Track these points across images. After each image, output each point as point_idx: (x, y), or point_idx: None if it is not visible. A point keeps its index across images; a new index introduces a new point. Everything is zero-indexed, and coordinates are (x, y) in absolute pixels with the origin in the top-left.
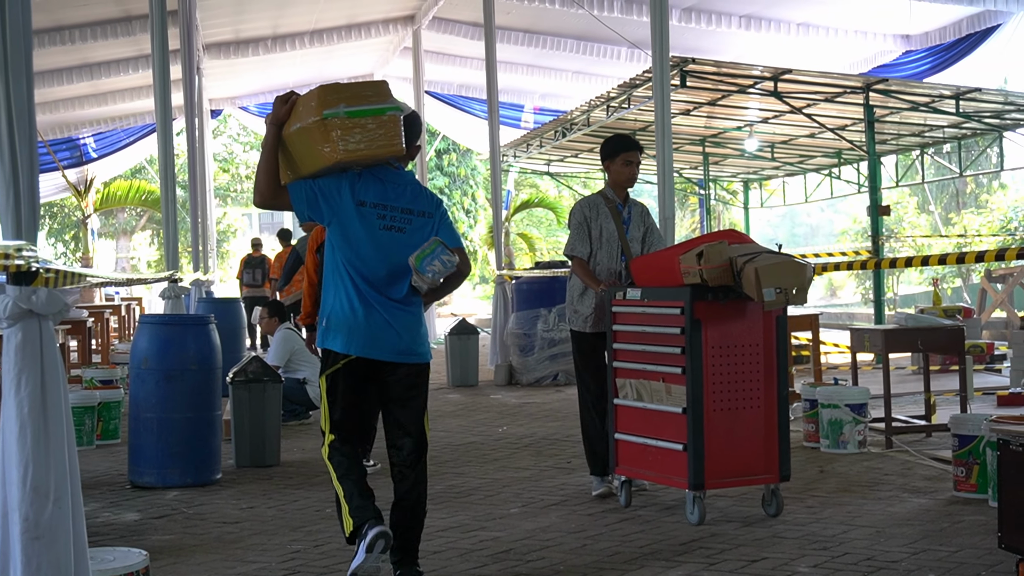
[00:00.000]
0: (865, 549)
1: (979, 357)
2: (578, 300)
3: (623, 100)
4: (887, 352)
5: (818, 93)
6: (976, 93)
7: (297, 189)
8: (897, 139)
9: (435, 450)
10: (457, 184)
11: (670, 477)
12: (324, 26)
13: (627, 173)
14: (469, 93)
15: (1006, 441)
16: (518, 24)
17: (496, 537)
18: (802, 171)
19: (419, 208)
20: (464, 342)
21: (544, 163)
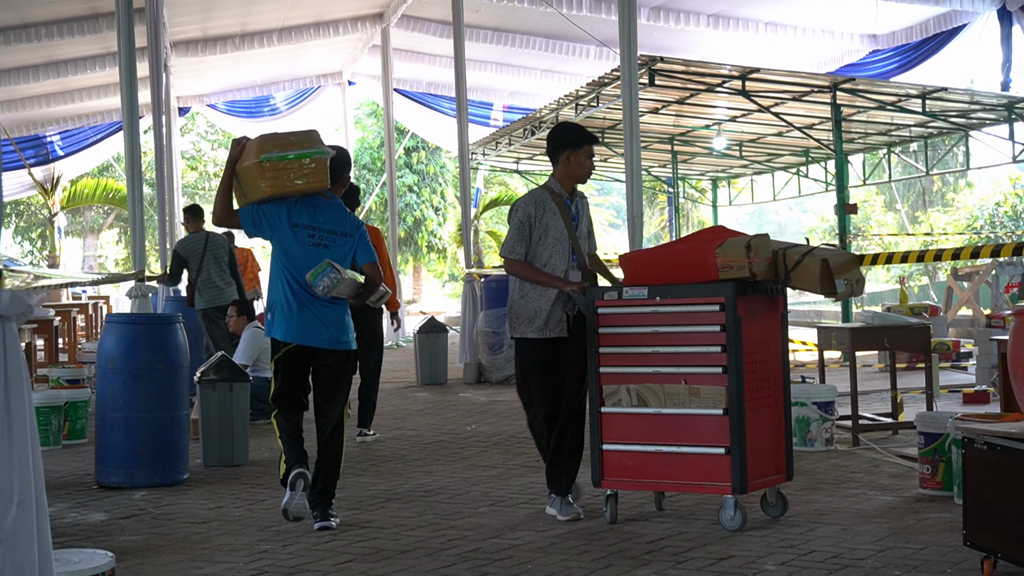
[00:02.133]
0: (832, 547)
1: (945, 355)
2: (524, 303)
3: (592, 98)
4: (854, 350)
5: (786, 92)
6: (942, 92)
7: (245, 213)
8: (864, 138)
9: (403, 448)
10: (426, 182)
11: (701, 484)
12: (293, 24)
13: (588, 167)
14: (438, 91)
15: (971, 439)
16: (487, 22)
17: (464, 536)
18: (770, 169)
19: (342, 229)
20: (433, 340)
21: (513, 161)
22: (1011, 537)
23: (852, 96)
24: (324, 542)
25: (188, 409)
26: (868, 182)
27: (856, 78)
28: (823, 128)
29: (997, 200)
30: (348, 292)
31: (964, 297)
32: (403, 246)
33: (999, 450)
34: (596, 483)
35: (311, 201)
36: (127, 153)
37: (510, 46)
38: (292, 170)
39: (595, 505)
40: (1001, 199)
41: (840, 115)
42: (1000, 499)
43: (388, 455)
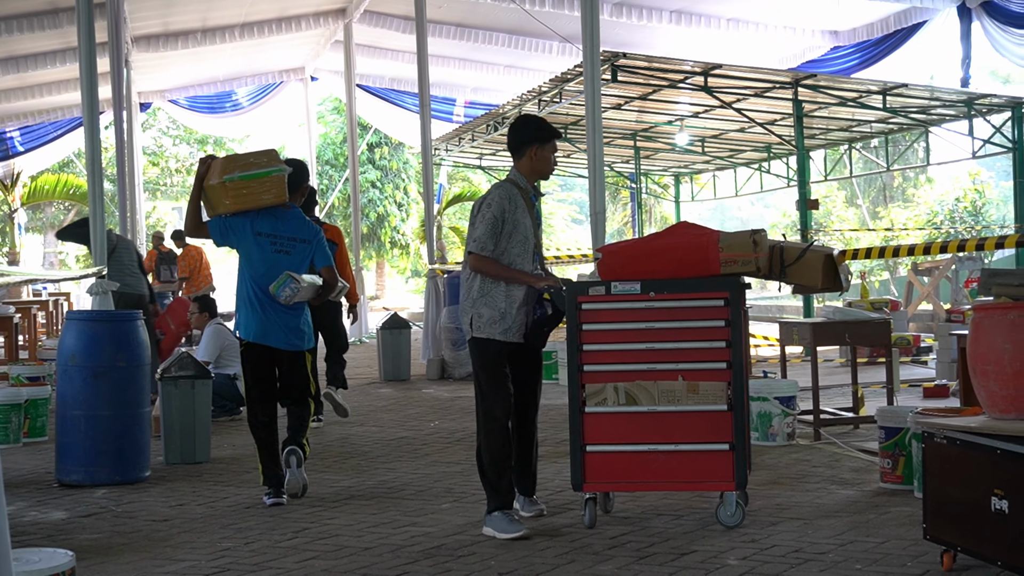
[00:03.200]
0: (793, 541)
1: (906, 350)
2: (486, 302)
3: (555, 94)
4: (815, 345)
5: (748, 88)
6: (903, 89)
7: (213, 224)
8: (826, 134)
9: (366, 445)
10: (389, 178)
11: (699, 481)
12: (255, 19)
13: (554, 163)
14: (401, 87)
15: (931, 434)
16: (450, 18)
17: (427, 532)
18: (732, 165)
19: (301, 236)
20: (396, 336)
21: (476, 157)
22: (970, 531)
23: (813, 92)
24: (286, 539)
25: (150, 406)
26: (829, 178)
27: (817, 74)
28: (785, 124)
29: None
30: (308, 296)
31: (924, 292)
32: (366, 242)
33: (958, 444)
34: (577, 486)
35: (273, 212)
36: (87, 149)
37: (473, 42)
38: (252, 188)
39: (557, 501)
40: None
41: (801, 111)
42: (959, 493)
43: (351, 452)
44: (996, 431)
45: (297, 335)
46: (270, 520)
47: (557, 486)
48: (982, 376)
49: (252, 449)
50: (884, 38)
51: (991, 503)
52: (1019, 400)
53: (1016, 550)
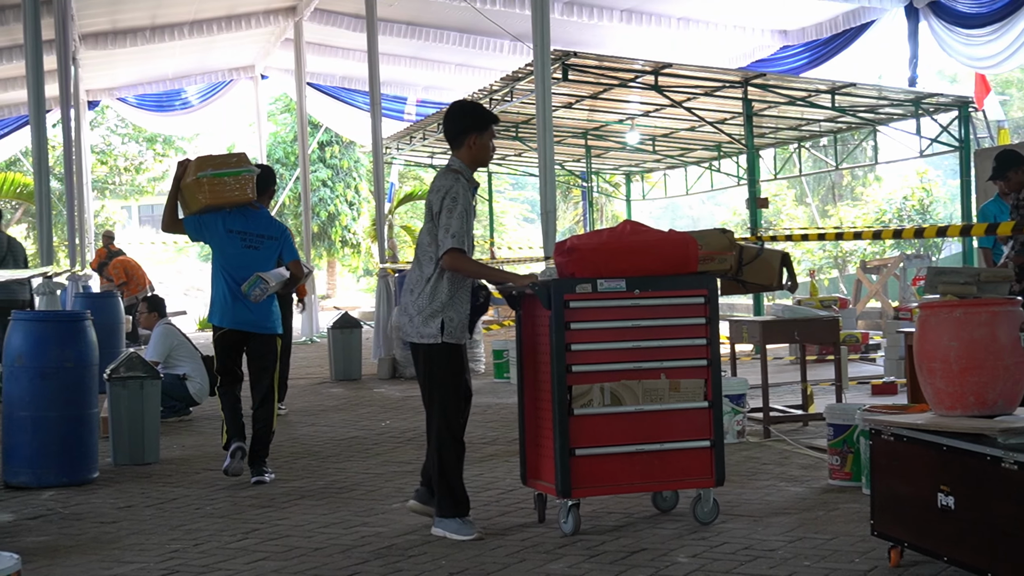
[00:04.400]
0: (743, 538)
1: (854, 347)
2: (457, 305)
3: (506, 93)
4: (765, 343)
5: (698, 87)
6: (851, 88)
7: (188, 222)
8: (775, 132)
9: (317, 445)
10: (340, 176)
11: (681, 480)
12: (204, 17)
13: (493, 149)
14: (352, 85)
15: (878, 431)
16: (400, 16)
17: (378, 532)
18: (683, 164)
19: (269, 233)
20: (347, 336)
21: (428, 155)
22: (917, 526)
23: (763, 91)
24: (236, 540)
25: (98, 407)
26: (779, 176)
27: (767, 73)
28: (735, 123)
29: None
30: (277, 289)
31: (873, 290)
32: (317, 241)
33: (905, 441)
34: (566, 493)
35: (243, 211)
36: (34, 147)
37: (424, 40)
38: (225, 184)
39: (508, 500)
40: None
41: (751, 110)
42: (906, 489)
43: (301, 452)
44: (942, 428)
45: (267, 319)
46: (220, 521)
47: (508, 485)
48: (928, 373)
49: (202, 450)
50: (833, 38)
51: (937, 499)
52: (965, 397)
53: (962, 545)
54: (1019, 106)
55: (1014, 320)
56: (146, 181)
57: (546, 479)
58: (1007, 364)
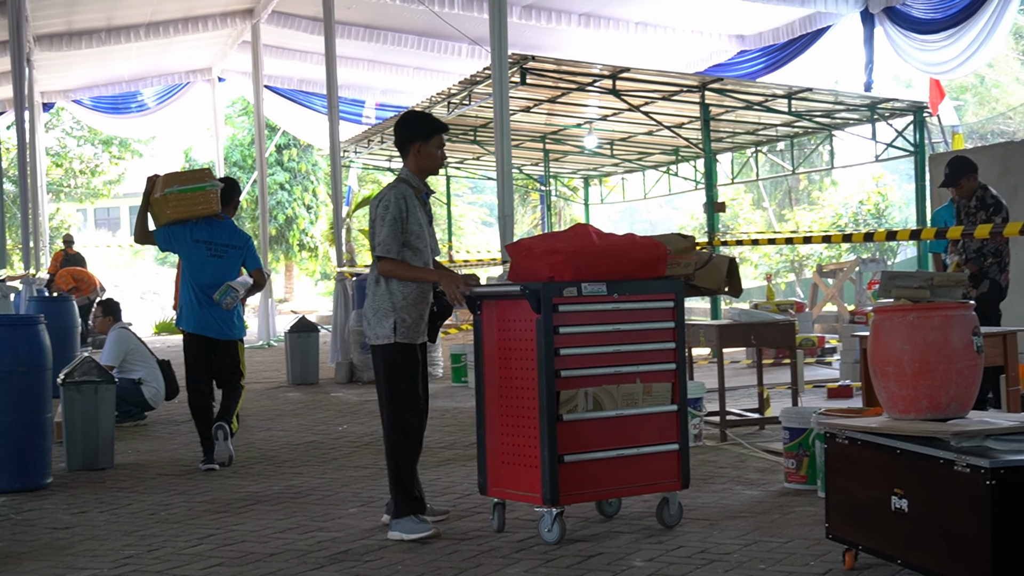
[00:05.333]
0: (699, 542)
1: (810, 351)
2: (408, 306)
3: (464, 97)
4: (721, 347)
5: (656, 91)
6: (808, 93)
7: (158, 234)
8: (732, 137)
9: (273, 450)
10: (298, 180)
11: (653, 484)
12: (161, 18)
13: (440, 158)
14: (310, 88)
15: (833, 434)
16: (359, 19)
17: (334, 537)
18: (641, 168)
19: (233, 243)
20: (304, 340)
21: (386, 159)
22: (871, 529)
23: (720, 96)
24: (191, 546)
25: (51, 412)
26: (736, 180)
27: (724, 78)
28: (692, 127)
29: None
30: (244, 296)
31: (829, 294)
32: (274, 244)
33: (859, 444)
34: (555, 501)
35: (209, 222)
36: None
37: (382, 43)
38: (190, 199)
39: (465, 505)
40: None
41: (709, 114)
42: (860, 492)
43: (257, 456)
44: (896, 431)
45: (230, 326)
46: (175, 527)
47: (465, 489)
48: (882, 377)
49: (157, 455)
50: (789, 42)
51: (891, 502)
52: (918, 401)
53: (915, 548)
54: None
55: (967, 324)
56: (102, 184)
57: (520, 487)
58: (960, 368)
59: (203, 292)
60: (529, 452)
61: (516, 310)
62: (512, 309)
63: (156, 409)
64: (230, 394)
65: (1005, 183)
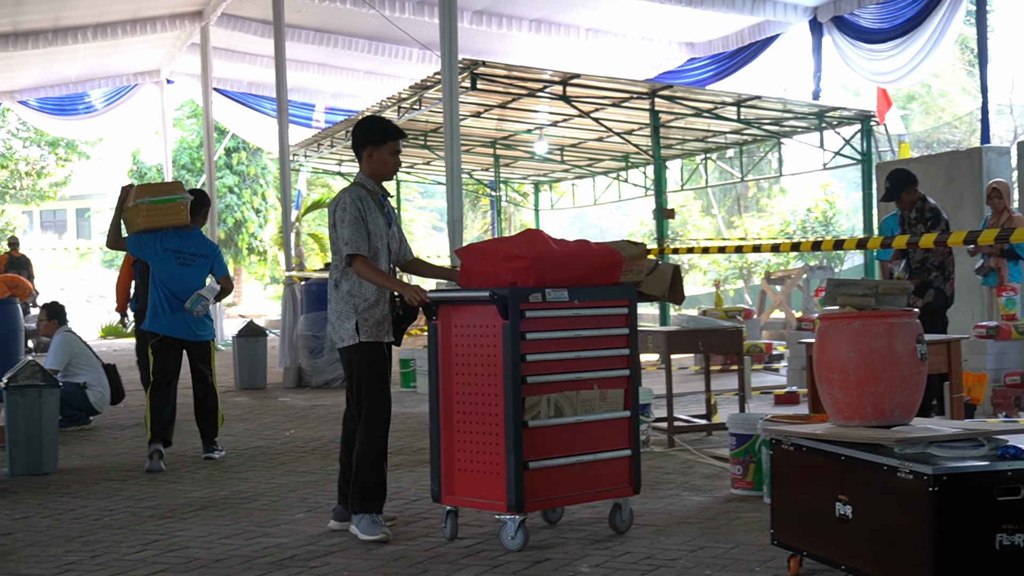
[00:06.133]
0: (645, 548)
1: (758, 357)
2: (369, 307)
3: (414, 101)
4: (669, 353)
5: (606, 98)
6: (757, 101)
7: (130, 241)
8: (682, 144)
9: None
10: (247, 183)
11: (608, 490)
12: (108, 20)
13: (393, 164)
14: (259, 91)
15: (778, 440)
16: (309, 22)
17: (280, 543)
18: (591, 174)
19: (201, 252)
20: (252, 344)
21: (336, 163)
22: (815, 536)
23: (670, 103)
24: (134, 552)
25: None
26: (686, 187)
27: (674, 85)
28: (642, 134)
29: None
30: (213, 300)
31: (777, 300)
32: (223, 248)
33: (804, 451)
34: (519, 508)
35: (179, 232)
36: None
37: (332, 47)
38: (161, 210)
39: (412, 511)
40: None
41: (658, 121)
42: (805, 499)
43: (203, 462)
44: (840, 438)
45: (200, 327)
46: (118, 533)
47: (412, 495)
48: (827, 384)
49: (102, 460)
50: (739, 50)
51: (835, 508)
52: (863, 407)
53: (858, 554)
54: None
55: (911, 332)
56: (48, 186)
57: (479, 495)
58: (904, 375)
59: (174, 297)
60: (489, 459)
61: (478, 315)
62: (474, 314)
63: (101, 413)
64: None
65: (950, 192)
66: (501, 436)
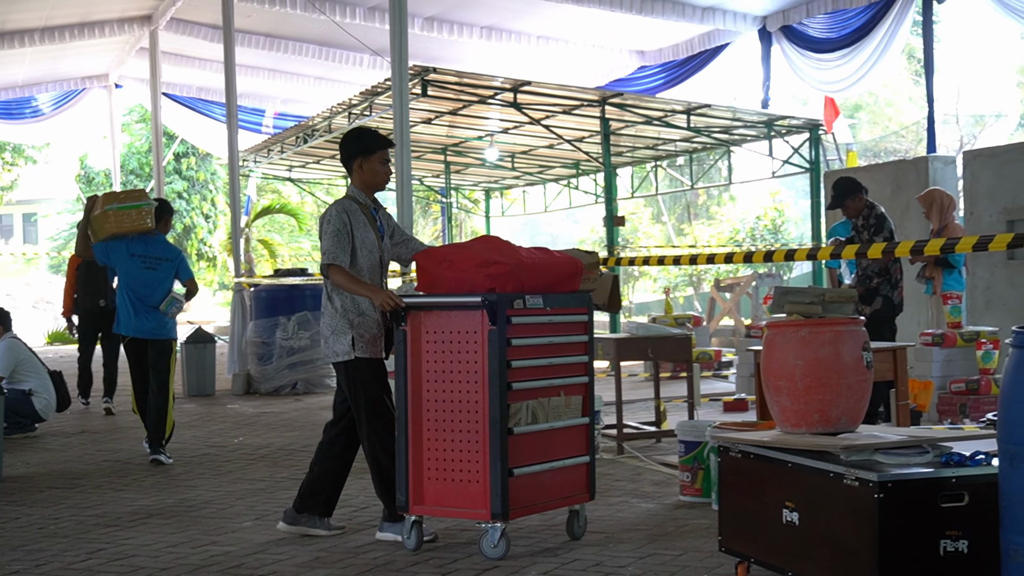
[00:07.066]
0: (594, 555)
1: (707, 364)
2: (365, 321)
3: (365, 107)
4: (619, 360)
5: (556, 105)
6: (706, 109)
7: (97, 248)
8: (632, 151)
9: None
10: (196, 189)
11: (568, 497)
12: (56, 23)
13: (384, 173)
14: (209, 96)
15: (726, 448)
16: (259, 28)
17: (227, 551)
18: (542, 181)
19: (166, 256)
20: (201, 351)
21: (286, 169)
22: (762, 542)
23: (620, 110)
24: (80, 561)
25: None
26: (636, 195)
27: (624, 93)
28: (593, 141)
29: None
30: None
31: (726, 308)
32: None
33: (752, 458)
34: (504, 516)
35: (144, 238)
36: None
37: (283, 52)
38: (128, 216)
39: (360, 518)
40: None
41: (609, 129)
42: (752, 505)
43: (151, 469)
44: (787, 445)
45: (163, 327)
46: (63, 541)
47: (361, 503)
48: (775, 391)
49: (48, 467)
50: (689, 59)
51: (782, 515)
52: (809, 415)
53: (805, 560)
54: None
55: (857, 339)
56: None
57: (454, 504)
58: (850, 382)
59: (139, 300)
60: (467, 467)
61: (456, 321)
62: (450, 320)
63: (47, 420)
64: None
65: (897, 200)
66: (481, 444)
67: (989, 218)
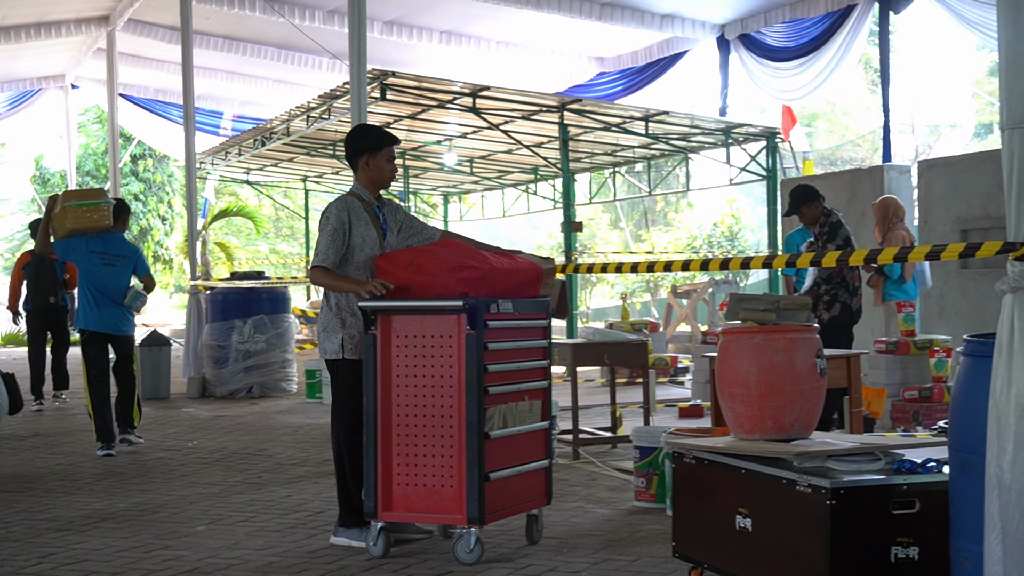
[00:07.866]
0: (548, 560)
1: (663, 370)
2: (357, 322)
3: (323, 110)
4: (575, 365)
5: (515, 110)
6: (665, 116)
7: (57, 245)
8: (591, 157)
9: (120, 466)
10: (153, 190)
11: (529, 502)
12: (11, 23)
13: (390, 170)
14: (166, 98)
15: (680, 454)
16: (218, 30)
17: (180, 556)
18: (500, 186)
19: (124, 253)
20: (156, 353)
21: (244, 171)
22: (716, 548)
23: (579, 116)
24: (31, 565)
25: None
26: (594, 200)
27: (583, 99)
28: (551, 147)
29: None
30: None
31: (683, 314)
32: None
33: (705, 464)
34: (481, 521)
35: (103, 235)
36: None
37: (241, 55)
38: (87, 212)
39: (315, 523)
40: (719, 219)
41: (567, 135)
42: (705, 511)
43: (103, 472)
44: (741, 451)
45: (125, 323)
46: (14, 545)
47: (316, 507)
48: (729, 398)
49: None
50: (648, 66)
51: (736, 521)
52: (763, 421)
53: (758, 566)
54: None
55: (811, 347)
56: None
57: (426, 509)
58: (803, 389)
59: (100, 295)
60: (440, 472)
61: (429, 325)
62: (423, 324)
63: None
64: (125, 389)
65: (853, 208)
66: (455, 448)
67: (943, 227)
